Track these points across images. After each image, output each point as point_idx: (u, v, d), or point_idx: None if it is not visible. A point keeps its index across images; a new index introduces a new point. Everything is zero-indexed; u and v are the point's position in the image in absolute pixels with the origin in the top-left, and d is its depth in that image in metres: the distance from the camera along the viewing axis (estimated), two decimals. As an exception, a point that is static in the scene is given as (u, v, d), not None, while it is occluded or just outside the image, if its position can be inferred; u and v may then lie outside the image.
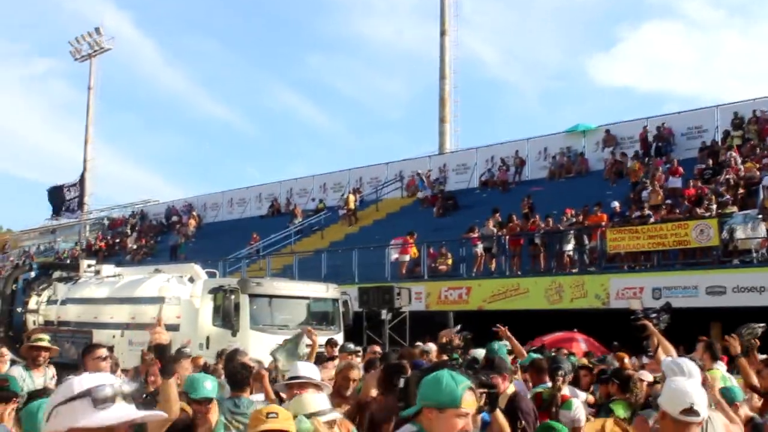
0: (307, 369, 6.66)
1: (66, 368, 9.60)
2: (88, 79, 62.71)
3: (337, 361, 11.18)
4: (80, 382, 2.35)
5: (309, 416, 4.98)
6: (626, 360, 11.98)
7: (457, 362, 7.94)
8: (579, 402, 7.96)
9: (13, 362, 10.47)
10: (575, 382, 9.63)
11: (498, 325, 10.57)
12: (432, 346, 12.89)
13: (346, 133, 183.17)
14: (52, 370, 9.19)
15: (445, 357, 9.92)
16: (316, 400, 5.25)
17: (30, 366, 8.77)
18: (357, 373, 8.13)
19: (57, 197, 58.67)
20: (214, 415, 6.21)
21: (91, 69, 62.45)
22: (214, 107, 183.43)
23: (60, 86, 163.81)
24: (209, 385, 6.09)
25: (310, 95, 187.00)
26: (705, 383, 5.65)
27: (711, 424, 5.02)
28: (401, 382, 6.03)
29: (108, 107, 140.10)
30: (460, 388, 3.48)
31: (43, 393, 7.11)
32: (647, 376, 8.60)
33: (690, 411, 4.26)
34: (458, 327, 11.40)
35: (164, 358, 4.67)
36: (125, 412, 2.32)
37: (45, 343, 9.14)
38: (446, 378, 3.54)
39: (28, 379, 8.35)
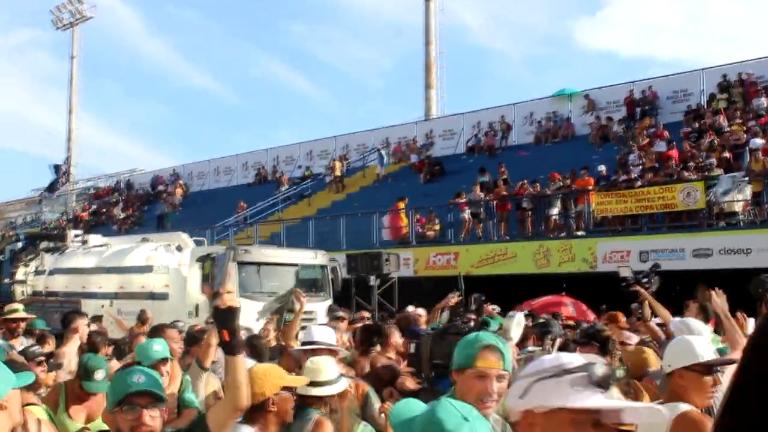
0: (322, 333, 6.49)
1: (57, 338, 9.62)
2: (71, 48, 62.22)
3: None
4: (569, 359, 2.18)
5: (319, 384, 4.96)
6: (622, 319, 11.86)
7: (467, 325, 7.89)
8: None
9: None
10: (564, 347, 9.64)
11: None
12: (422, 311, 12.95)
13: (331, 101, 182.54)
14: (27, 341, 9.24)
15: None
16: (328, 368, 5.14)
17: (7, 337, 8.80)
18: (344, 338, 8.18)
19: (58, 173, 58.31)
20: (178, 373, 6.28)
21: (73, 38, 61.92)
22: (197, 77, 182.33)
23: (42, 56, 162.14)
24: (159, 347, 6.01)
25: (294, 64, 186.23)
26: None
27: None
28: (412, 347, 6.04)
29: (91, 77, 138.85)
30: (475, 347, 3.32)
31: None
32: (633, 339, 8.62)
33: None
34: (457, 292, 11.33)
35: (232, 327, 3.37)
36: (617, 398, 2.09)
37: (21, 314, 9.18)
38: (468, 338, 3.44)
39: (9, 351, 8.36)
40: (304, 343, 6.45)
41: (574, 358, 2.18)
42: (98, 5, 62.73)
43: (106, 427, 3.80)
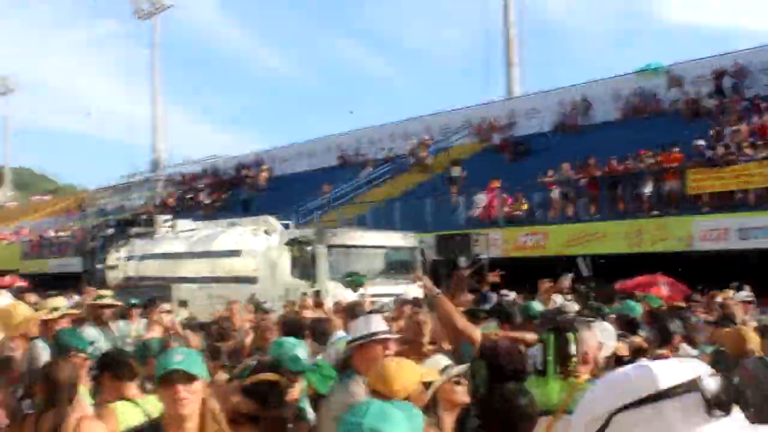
0: (379, 322, 5.49)
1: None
2: (152, 37, 63.11)
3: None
4: (665, 372, 1.38)
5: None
6: (720, 299, 11.42)
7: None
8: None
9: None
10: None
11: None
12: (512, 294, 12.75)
13: (411, 82, 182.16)
14: (137, 324, 9.28)
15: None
16: (438, 360, 4.72)
17: (96, 322, 8.81)
18: (426, 317, 7.67)
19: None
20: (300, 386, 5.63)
21: (154, 27, 62.75)
22: (276, 62, 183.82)
23: (124, 46, 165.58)
24: (302, 354, 5.46)
25: (371, 46, 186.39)
26: None
27: None
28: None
29: (172, 65, 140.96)
30: None
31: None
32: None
33: None
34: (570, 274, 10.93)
35: None
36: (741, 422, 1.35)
37: (108, 300, 9.22)
38: None
39: (100, 337, 8.37)
40: (363, 337, 5.40)
41: (673, 370, 1.39)
42: (176, -7, 63.35)
43: None
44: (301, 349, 5.60)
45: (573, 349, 4.57)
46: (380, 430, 2.42)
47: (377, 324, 5.16)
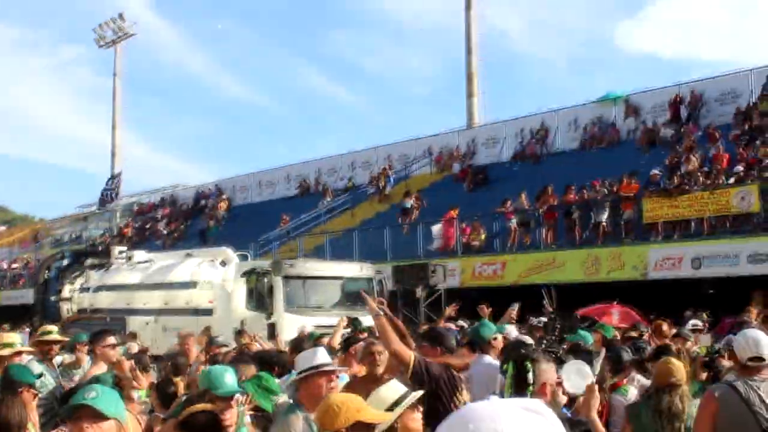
0: (324, 355, 5.45)
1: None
2: (113, 65, 62.64)
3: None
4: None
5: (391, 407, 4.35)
6: (665, 327, 11.45)
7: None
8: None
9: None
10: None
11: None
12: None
13: (372, 110, 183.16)
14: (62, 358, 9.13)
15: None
16: (394, 387, 4.57)
17: (42, 358, 8.63)
18: (381, 347, 7.62)
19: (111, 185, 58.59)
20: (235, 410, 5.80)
21: (115, 55, 62.34)
22: (238, 89, 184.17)
23: (85, 73, 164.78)
24: (230, 379, 5.50)
25: (334, 73, 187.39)
26: None
27: None
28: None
29: (133, 92, 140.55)
30: None
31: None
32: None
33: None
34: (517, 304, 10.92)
35: None
36: None
37: (54, 336, 9.03)
38: None
39: (46, 372, 8.20)
40: (308, 369, 5.35)
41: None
42: (139, 22, 63.16)
43: None
44: (228, 374, 5.56)
45: (530, 378, 4.56)
46: None
47: (321, 356, 5.07)
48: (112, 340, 8.74)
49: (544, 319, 12.25)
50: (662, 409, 6.06)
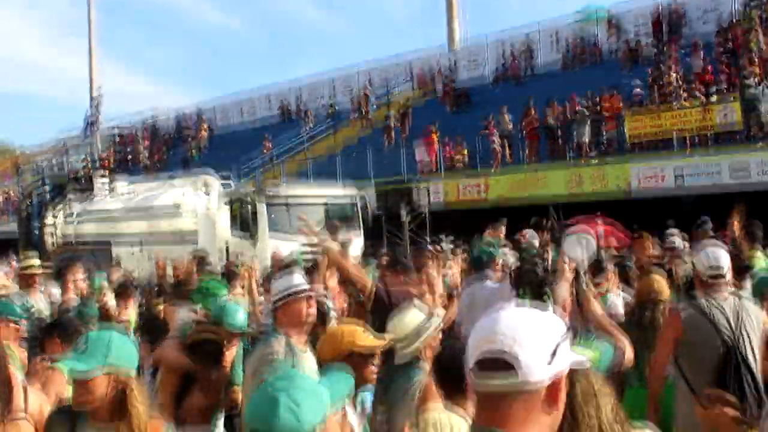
0: (299, 279, 5.12)
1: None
2: (88, -6, 61.30)
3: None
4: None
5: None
6: (647, 243, 11.41)
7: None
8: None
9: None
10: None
11: None
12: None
13: (353, 32, 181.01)
14: (54, 287, 9.07)
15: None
16: (417, 312, 4.56)
17: (25, 288, 8.61)
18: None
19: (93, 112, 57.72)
20: (236, 347, 5.76)
21: (90, -18, 60.99)
22: (218, 16, 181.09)
23: (60, 2, 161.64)
24: (242, 317, 5.61)
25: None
26: None
27: (746, 312, 5.16)
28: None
29: (109, 20, 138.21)
30: None
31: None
32: None
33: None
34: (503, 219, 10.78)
35: None
36: None
37: (36, 269, 8.98)
38: None
39: (27, 302, 8.18)
40: (287, 293, 5.03)
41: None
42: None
43: None
44: (241, 312, 5.65)
45: (549, 303, 4.51)
46: (286, 392, 2.35)
47: (297, 280, 5.04)
48: (81, 270, 8.73)
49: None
50: (645, 324, 6.16)
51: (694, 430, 4.95)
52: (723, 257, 5.33)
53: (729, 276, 5.43)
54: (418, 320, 4.49)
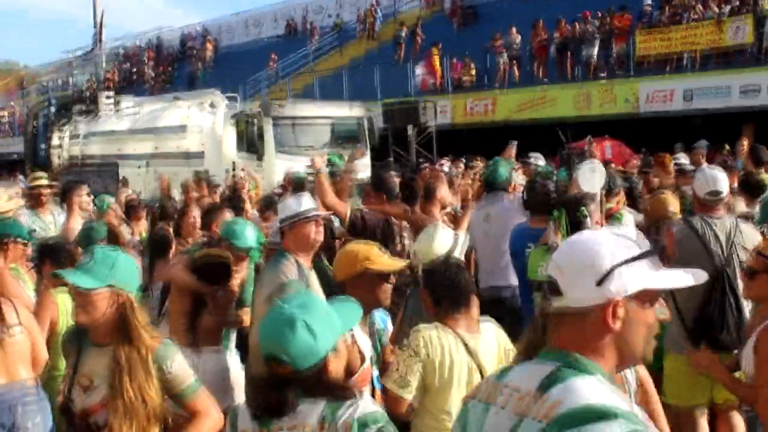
0: (308, 201, 5.04)
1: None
2: None
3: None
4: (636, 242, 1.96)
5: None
6: (667, 161, 11.26)
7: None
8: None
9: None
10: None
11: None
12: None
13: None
14: (57, 209, 9.05)
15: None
16: (445, 233, 4.75)
17: (34, 206, 8.62)
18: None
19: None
20: (246, 264, 5.72)
21: None
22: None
23: None
24: (251, 234, 5.59)
25: None
26: None
27: (740, 233, 5.21)
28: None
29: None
30: None
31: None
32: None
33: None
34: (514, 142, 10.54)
35: None
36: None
37: (44, 182, 8.98)
38: None
39: (37, 221, 8.22)
40: (294, 217, 4.92)
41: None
42: None
43: None
44: (249, 229, 5.66)
45: (588, 222, 4.86)
46: (303, 314, 2.44)
47: (306, 202, 5.02)
48: (86, 190, 8.73)
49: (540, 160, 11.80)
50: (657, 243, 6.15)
51: (680, 349, 5.05)
52: (721, 180, 5.33)
53: (728, 198, 5.51)
54: (448, 241, 4.61)
